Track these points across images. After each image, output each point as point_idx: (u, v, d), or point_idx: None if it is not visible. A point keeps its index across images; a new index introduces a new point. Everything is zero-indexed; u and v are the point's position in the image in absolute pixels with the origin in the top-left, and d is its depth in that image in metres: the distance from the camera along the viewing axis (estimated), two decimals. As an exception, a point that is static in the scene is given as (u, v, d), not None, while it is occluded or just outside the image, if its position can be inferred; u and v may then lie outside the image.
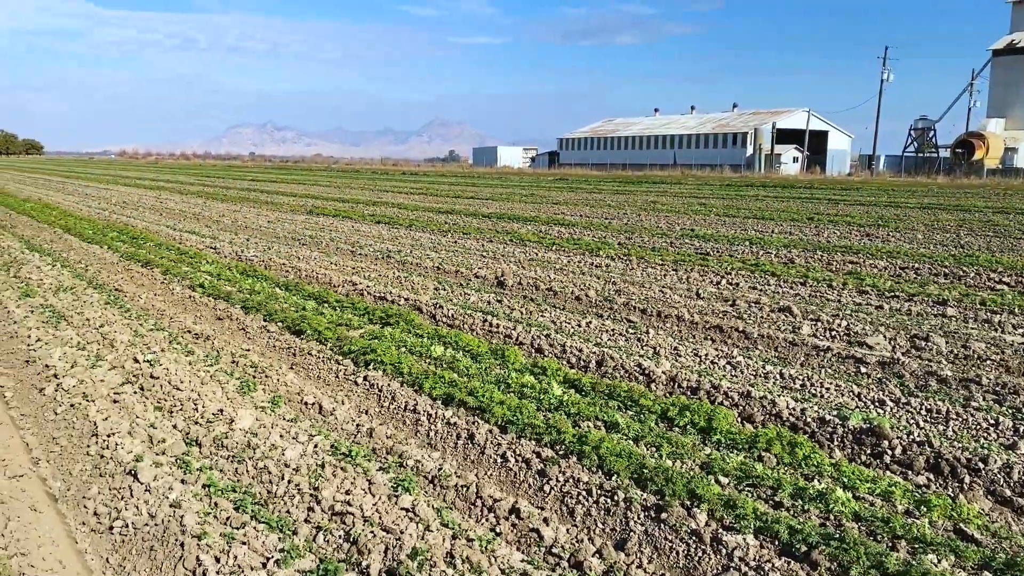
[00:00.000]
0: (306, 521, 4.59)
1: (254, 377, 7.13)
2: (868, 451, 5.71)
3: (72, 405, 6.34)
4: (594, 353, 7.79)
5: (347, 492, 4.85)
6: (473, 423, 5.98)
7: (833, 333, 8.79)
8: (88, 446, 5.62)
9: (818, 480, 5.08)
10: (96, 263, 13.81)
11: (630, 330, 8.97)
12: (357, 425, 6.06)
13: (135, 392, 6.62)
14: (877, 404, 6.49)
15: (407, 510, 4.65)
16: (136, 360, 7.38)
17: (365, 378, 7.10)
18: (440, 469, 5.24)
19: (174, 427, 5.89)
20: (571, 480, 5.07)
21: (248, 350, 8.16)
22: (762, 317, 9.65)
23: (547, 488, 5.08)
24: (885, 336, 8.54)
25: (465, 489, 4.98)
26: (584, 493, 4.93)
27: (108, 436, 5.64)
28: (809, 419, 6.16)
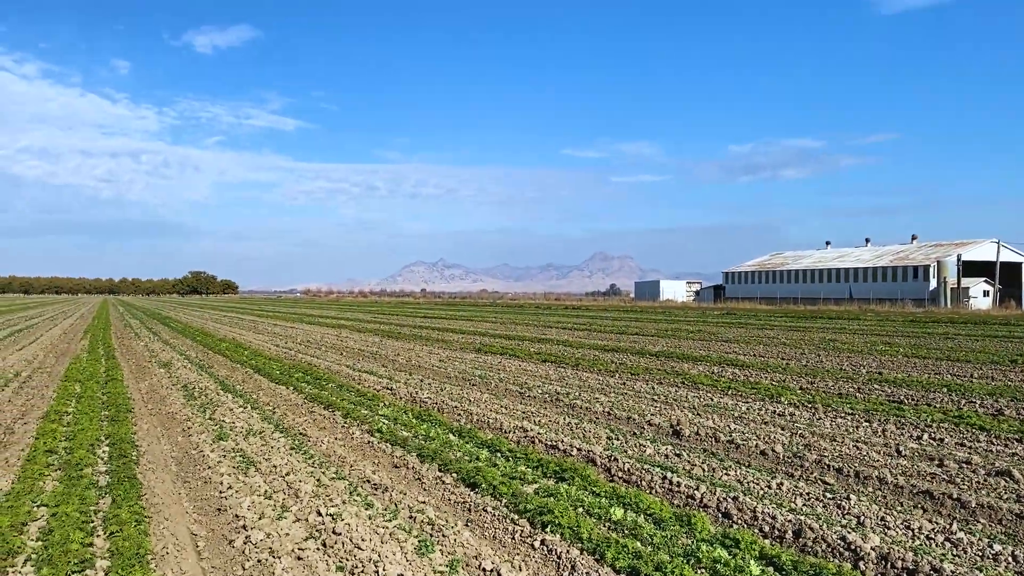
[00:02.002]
0: None
1: (431, 536, 7.00)
2: None
3: (259, 560, 6.41)
4: (789, 521, 7.13)
5: None
6: (662, 603, 5.50)
7: (1071, 504, 7.66)
8: (272, 608, 5.60)
9: None
10: (283, 405, 14.50)
11: (827, 494, 8.21)
12: (538, 598, 5.72)
13: (318, 549, 6.64)
14: None
15: None
16: (319, 513, 7.46)
17: (543, 542, 6.79)
18: (630, 659, 4.79)
19: (354, 591, 5.79)
20: None
21: (424, 503, 8.09)
22: (977, 482, 8.61)
23: None
24: None
25: None
26: None
27: (292, 599, 5.61)
28: (1060, 617, 5.25)
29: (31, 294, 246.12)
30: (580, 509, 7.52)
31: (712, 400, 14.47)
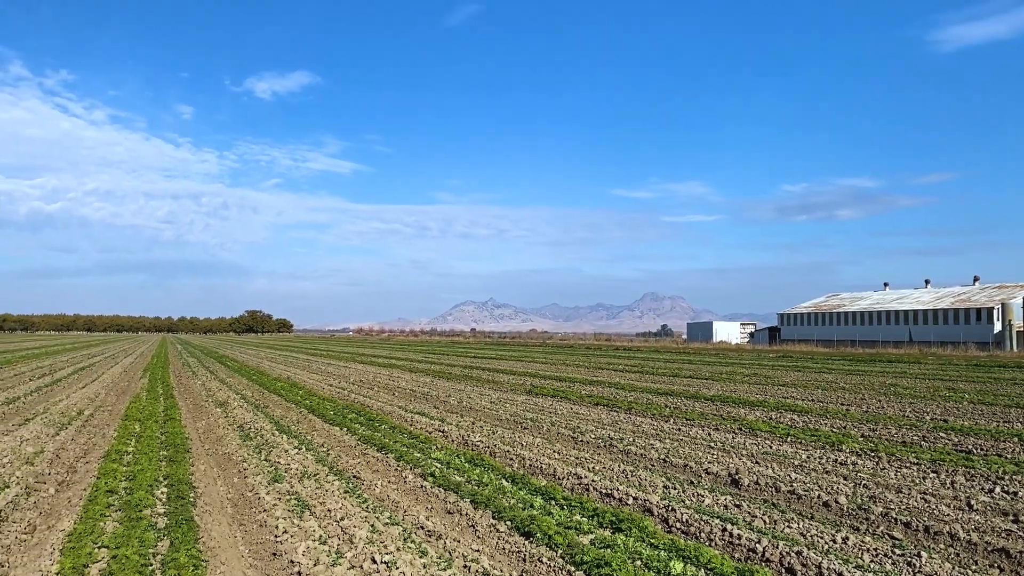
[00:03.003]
0: None
1: (486, 586, 6.89)
2: None
3: (314, 609, 6.38)
4: (857, 580, 6.86)
5: None
6: (726, 665, 5.31)
7: None
8: (328, 659, 5.55)
9: None
10: (337, 447, 14.56)
11: (895, 550, 7.89)
12: (596, 656, 5.57)
13: (372, 598, 6.58)
14: None
15: None
16: (373, 560, 7.41)
17: (600, 595, 6.64)
18: None
19: (410, 644, 5.72)
20: None
21: (478, 551, 7.99)
22: (1058, 539, 8.18)
23: None
24: None
25: None
26: None
27: (347, 650, 5.56)
28: None
29: (94, 332, 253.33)
30: (638, 562, 7.35)
31: (771, 448, 14.12)
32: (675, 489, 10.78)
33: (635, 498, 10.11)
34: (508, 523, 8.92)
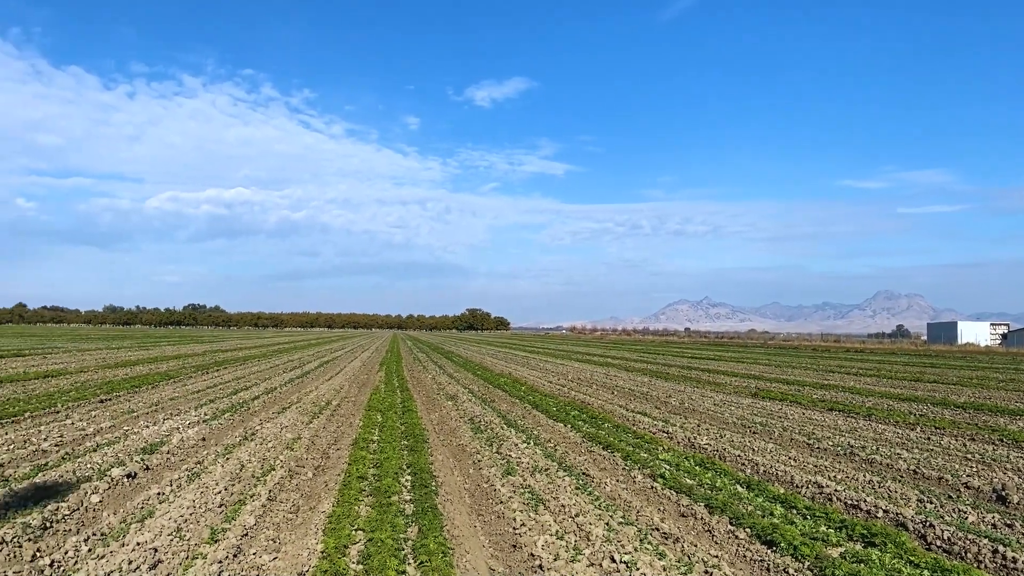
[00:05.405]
0: None
1: (730, 594, 6.67)
2: None
3: (557, 603, 6.48)
4: None
5: None
6: None
7: None
8: (575, 654, 5.60)
9: None
10: (563, 443, 14.78)
11: None
12: None
13: (614, 597, 6.58)
14: None
15: None
16: (612, 559, 7.42)
17: (857, 614, 6.21)
18: None
19: (656, 646, 5.64)
20: None
21: (717, 558, 7.77)
22: None
23: None
24: None
25: None
26: None
27: (594, 647, 5.58)
28: None
29: (333, 328, 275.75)
30: (898, 581, 6.80)
31: (1042, 463, 12.60)
32: (931, 503, 9.89)
33: (885, 511, 9.39)
34: (747, 530, 8.59)
